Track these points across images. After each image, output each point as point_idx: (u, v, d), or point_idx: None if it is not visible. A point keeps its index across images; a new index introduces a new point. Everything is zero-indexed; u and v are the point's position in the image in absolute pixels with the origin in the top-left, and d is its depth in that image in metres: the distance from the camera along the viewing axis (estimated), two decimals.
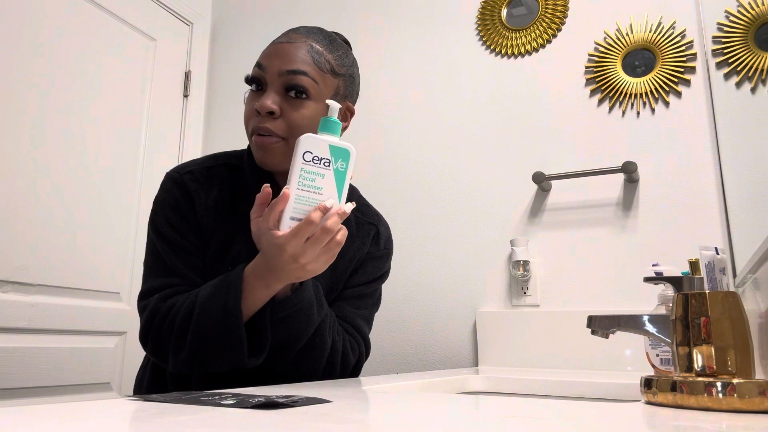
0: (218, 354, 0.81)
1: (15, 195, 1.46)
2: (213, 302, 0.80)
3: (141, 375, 1.03)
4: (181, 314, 0.83)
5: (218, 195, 0.95)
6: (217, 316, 0.80)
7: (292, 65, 0.89)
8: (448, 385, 1.04)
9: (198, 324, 0.81)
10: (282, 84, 0.89)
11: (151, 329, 0.86)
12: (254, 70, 0.92)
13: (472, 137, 1.72)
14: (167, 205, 0.94)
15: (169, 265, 0.90)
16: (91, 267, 1.62)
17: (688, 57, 1.50)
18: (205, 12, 2.17)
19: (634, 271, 1.45)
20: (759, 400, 0.51)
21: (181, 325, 0.82)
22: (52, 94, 1.58)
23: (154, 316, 0.86)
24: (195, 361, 0.83)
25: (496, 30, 1.75)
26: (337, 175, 0.77)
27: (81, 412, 0.46)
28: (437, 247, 1.70)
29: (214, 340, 0.80)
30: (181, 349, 0.82)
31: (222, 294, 0.80)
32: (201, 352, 0.81)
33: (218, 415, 0.46)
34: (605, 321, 0.82)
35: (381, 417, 0.50)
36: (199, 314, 0.81)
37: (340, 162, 0.77)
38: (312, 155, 0.76)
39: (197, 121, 2.07)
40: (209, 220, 0.93)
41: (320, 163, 0.76)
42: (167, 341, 0.84)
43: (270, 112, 0.88)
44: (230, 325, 0.79)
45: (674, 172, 1.46)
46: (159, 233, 0.93)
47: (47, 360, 1.48)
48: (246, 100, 0.94)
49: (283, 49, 0.91)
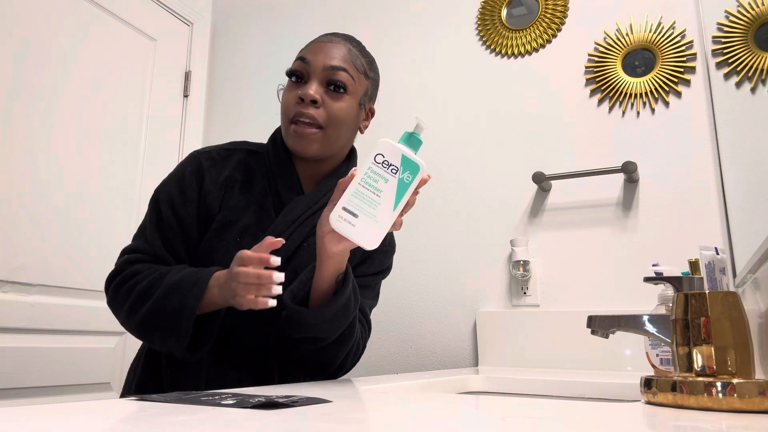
0: (162, 337, 0.88)
1: (15, 195, 1.46)
2: (176, 292, 0.87)
3: (134, 366, 1.04)
4: (142, 286, 0.90)
5: (230, 174, 1.01)
6: (174, 306, 0.86)
7: (334, 61, 0.98)
8: (448, 385, 1.04)
9: (156, 304, 0.88)
10: (324, 78, 0.97)
11: (111, 285, 0.95)
12: (297, 63, 0.99)
13: (472, 137, 1.72)
14: (175, 178, 1.01)
15: (147, 232, 0.99)
16: (91, 267, 1.62)
17: (688, 57, 1.50)
18: (205, 12, 2.16)
19: (634, 271, 1.44)
20: (759, 400, 0.51)
21: (139, 296, 0.90)
22: (52, 94, 1.58)
23: (117, 274, 0.95)
24: (140, 333, 0.92)
25: (496, 30, 1.75)
26: (400, 184, 0.79)
27: (81, 412, 0.46)
28: (437, 247, 1.70)
29: (164, 324, 0.87)
30: (133, 314, 0.90)
31: (187, 288, 0.87)
32: (149, 328, 0.89)
33: (218, 415, 0.46)
34: (605, 321, 0.82)
35: (381, 417, 0.50)
36: (160, 297, 0.88)
37: (407, 174, 0.79)
38: (383, 158, 0.79)
39: (197, 121, 2.07)
40: (215, 195, 0.99)
41: (388, 168, 0.79)
42: (122, 302, 0.92)
43: (313, 100, 0.95)
44: (183, 319, 0.86)
45: (674, 172, 1.46)
46: (154, 202, 1.01)
47: (47, 360, 1.48)
48: (284, 92, 1.01)
49: (326, 47, 0.99)
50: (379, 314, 1.47)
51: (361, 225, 0.77)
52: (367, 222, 0.77)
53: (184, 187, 0.99)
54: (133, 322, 0.91)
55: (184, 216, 0.98)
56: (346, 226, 0.77)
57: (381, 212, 0.77)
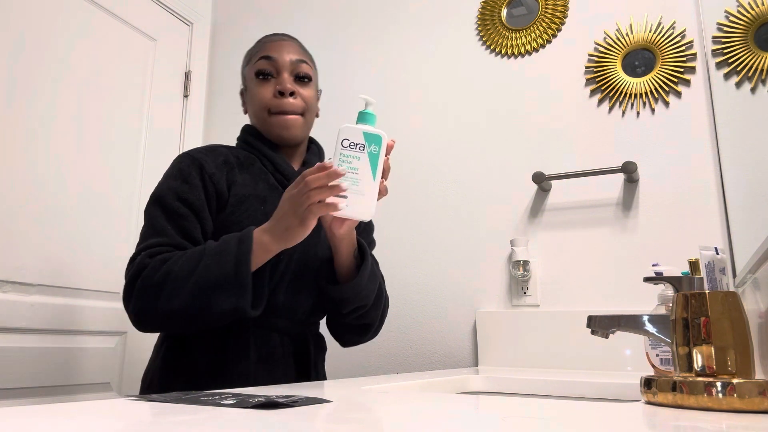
0: (221, 300, 0.89)
1: (15, 195, 1.46)
2: (224, 254, 0.90)
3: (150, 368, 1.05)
4: (180, 264, 0.91)
5: (225, 159, 1.07)
6: (227, 265, 0.89)
7: (298, 55, 1.11)
8: (448, 385, 1.04)
9: (205, 272, 0.89)
10: (292, 71, 1.09)
11: (138, 281, 0.92)
12: (263, 62, 1.09)
13: (472, 137, 1.72)
14: (171, 175, 1.04)
15: (157, 228, 0.98)
16: (91, 267, 1.62)
17: (688, 57, 1.50)
18: (205, 12, 2.16)
19: (634, 271, 1.45)
20: (759, 400, 0.51)
21: (180, 275, 0.90)
22: (52, 94, 1.58)
23: (142, 269, 0.93)
24: (190, 310, 0.90)
25: (496, 30, 1.75)
26: (371, 157, 0.89)
27: (81, 412, 0.46)
28: (437, 247, 1.70)
29: (222, 287, 0.89)
30: (177, 295, 0.89)
31: (233, 246, 0.91)
32: (202, 299, 0.89)
33: (218, 415, 0.46)
34: (605, 321, 0.82)
35: (381, 417, 0.50)
36: (209, 264, 0.90)
37: (373, 146, 0.90)
38: (349, 141, 0.89)
39: (197, 121, 2.07)
40: (219, 176, 1.03)
41: (356, 147, 0.89)
42: (158, 291, 0.90)
43: (292, 92, 1.08)
44: (241, 274, 0.89)
45: (674, 172, 1.46)
46: (156, 202, 1.01)
47: (47, 360, 1.48)
48: (256, 89, 1.10)
49: (283, 44, 1.11)
50: None
51: (352, 203, 0.88)
52: (357, 198, 0.88)
53: (185, 177, 1.02)
54: (176, 303, 0.89)
55: (194, 201, 1.00)
56: (341, 209, 0.88)
57: (364, 186, 0.88)
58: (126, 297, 0.95)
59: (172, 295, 0.90)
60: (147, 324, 0.94)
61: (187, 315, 0.91)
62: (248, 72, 1.14)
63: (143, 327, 0.95)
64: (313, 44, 2.05)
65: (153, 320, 0.93)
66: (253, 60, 1.13)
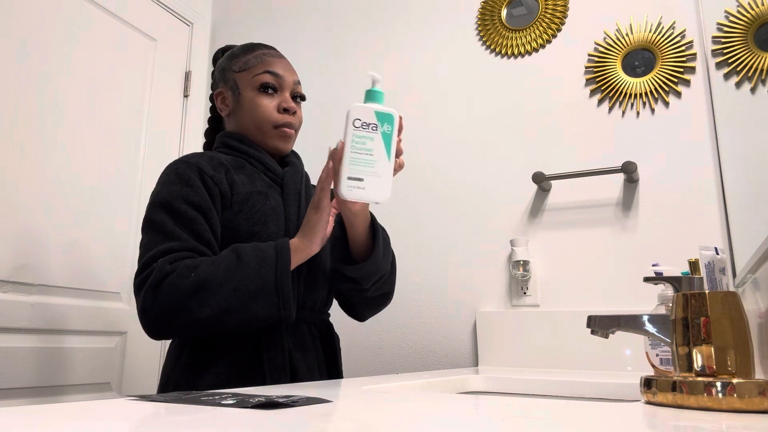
0: (261, 309, 0.93)
1: (15, 195, 1.46)
2: (264, 263, 0.94)
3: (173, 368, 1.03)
4: (212, 271, 0.92)
5: (219, 161, 1.08)
6: (267, 276, 0.93)
7: (296, 77, 1.19)
8: (448, 385, 1.04)
9: (245, 281, 0.92)
10: (292, 91, 1.17)
11: (162, 287, 0.91)
12: (269, 77, 1.14)
13: (472, 137, 1.72)
14: (170, 181, 1.03)
15: (168, 233, 0.97)
16: (91, 267, 1.62)
17: (688, 57, 1.50)
18: (205, 12, 2.16)
19: (634, 271, 1.45)
20: (759, 400, 0.51)
21: (214, 282, 0.91)
22: (52, 94, 1.58)
23: (165, 276, 0.91)
24: (230, 314, 0.91)
25: (496, 30, 1.75)
26: (384, 137, 0.88)
27: (81, 412, 0.46)
28: (437, 247, 1.70)
29: (261, 296, 0.93)
30: (209, 304, 0.90)
31: (271, 257, 0.95)
32: (241, 305, 0.91)
33: (218, 415, 0.46)
34: (605, 321, 0.82)
35: (381, 417, 0.50)
36: (248, 273, 0.93)
37: (386, 125, 0.88)
38: (361, 122, 0.87)
39: (197, 121, 2.07)
40: (219, 177, 1.04)
41: (369, 128, 0.87)
42: (188, 296, 0.90)
43: (294, 111, 1.15)
44: (282, 283, 0.94)
45: (674, 172, 1.46)
46: (161, 208, 1.00)
47: (47, 360, 1.48)
48: (255, 101, 1.14)
49: (285, 62, 1.18)
50: (380, 314, 1.47)
51: (369, 185, 0.86)
52: (373, 180, 0.86)
53: (186, 181, 1.02)
54: (208, 311, 0.90)
55: (201, 203, 1.00)
56: (357, 192, 0.86)
57: (380, 167, 0.87)
58: (147, 303, 0.92)
59: (204, 303, 0.90)
60: (168, 330, 0.92)
61: (219, 321, 0.91)
62: (244, 79, 1.15)
63: (160, 332, 0.93)
64: (312, 44, 2.05)
65: (178, 326, 0.91)
66: (252, 70, 1.14)
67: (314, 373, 1.05)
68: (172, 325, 0.91)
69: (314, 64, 2.02)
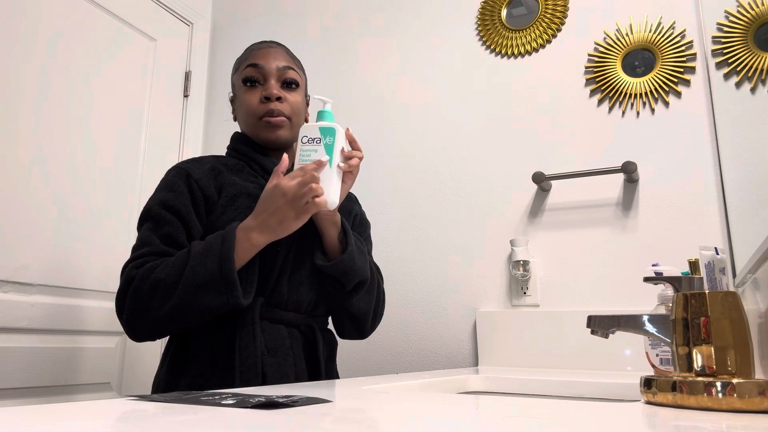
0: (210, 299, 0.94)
1: (15, 195, 1.46)
2: (209, 255, 0.94)
3: (158, 373, 1.07)
4: (167, 270, 0.95)
5: (213, 166, 1.11)
6: (211, 266, 0.93)
7: (284, 62, 1.14)
8: (448, 385, 1.04)
9: (192, 274, 0.93)
10: (279, 77, 1.13)
11: (128, 292, 0.96)
12: (249, 70, 1.13)
13: (472, 137, 1.72)
14: (159, 189, 1.07)
15: (144, 240, 1.02)
16: (90, 267, 1.62)
17: (688, 57, 1.50)
18: (205, 12, 2.16)
19: (634, 271, 1.45)
20: (759, 400, 0.51)
21: (168, 280, 0.94)
22: (52, 94, 1.58)
23: (130, 281, 0.97)
24: (183, 309, 0.93)
25: (496, 30, 1.75)
26: (327, 147, 0.99)
27: (81, 412, 0.47)
28: (437, 247, 1.70)
29: (208, 287, 0.93)
30: (168, 298, 0.93)
31: (216, 247, 0.95)
32: (192, 298, 0.93)
33: (218, 415, 0.46)
34: (605, 321, 0.82)
35: (381, 417, 0.50)
36: (194, 266, 0.94)
37: (328, 138, 1.00)
38: (307, 138, 1.00)
39: (197, 121, 2.07)
40: (206, 181, 1.07)
41: (313, 142, 1.00)
42: (148, 298, 0.94)
43: (278, 97, 1.11)
44: (225, 270, 0.93)
45: (674, 172, 1.46)
46: (145, 214, 1.05)
47: (47, 360, 1.48)
48: (243, 96, 1.13)
49: (270, 51, 1.15)
50: None
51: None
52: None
53: (171, 187, 1.06)
54: (167, 307, 0.93)
55: (180, 207, 1.03)
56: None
57: (324, 175, 0.97)
58: (118, 309, 0.99)
59: (162, 300, 0.94)
60: (141, 332, 0.97)
61: (178, 316, 0.94)
62: (236, 79, 1.17)
63: (137, 335, 0.98)
64: (312, 44, 2.05)
65: (146, 328, 0.96)
66: (241, 68, 1.16)
67: (289, 379, 1.02)
68: (142, 326, 0.96)
69: (314, 65, 2.02)
